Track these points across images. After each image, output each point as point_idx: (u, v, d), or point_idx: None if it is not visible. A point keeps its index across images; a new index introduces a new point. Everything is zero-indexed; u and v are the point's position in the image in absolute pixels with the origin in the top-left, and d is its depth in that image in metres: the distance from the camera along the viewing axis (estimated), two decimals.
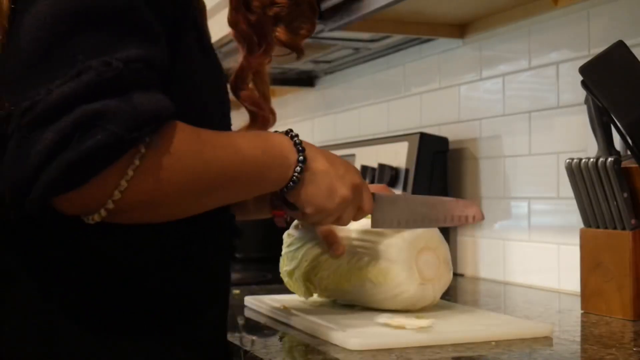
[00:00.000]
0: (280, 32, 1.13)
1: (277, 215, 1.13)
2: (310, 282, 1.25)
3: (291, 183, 1.00)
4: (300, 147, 1.00)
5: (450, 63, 2.06)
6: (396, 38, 2.13)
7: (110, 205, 0.82)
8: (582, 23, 1.61)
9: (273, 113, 1.19)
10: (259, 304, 1.35)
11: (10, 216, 0.84)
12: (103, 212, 0.83)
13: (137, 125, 0.80)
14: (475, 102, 1.97)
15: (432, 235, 1.22)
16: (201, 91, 0.97)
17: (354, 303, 1.26)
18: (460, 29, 1.98)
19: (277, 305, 1.29)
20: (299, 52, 1.17)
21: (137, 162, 0.82)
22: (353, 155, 2.21)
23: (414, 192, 1.93)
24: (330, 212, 1.05)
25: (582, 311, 1.33)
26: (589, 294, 1.33)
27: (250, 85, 1.16)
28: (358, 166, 2.12)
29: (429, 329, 1.09)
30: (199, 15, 1.00)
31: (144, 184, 0.83)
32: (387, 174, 1.99)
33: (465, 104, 2.01)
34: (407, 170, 1.96)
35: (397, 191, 1.96)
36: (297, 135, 1.01)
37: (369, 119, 2.46)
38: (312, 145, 1.03)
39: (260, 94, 1.17)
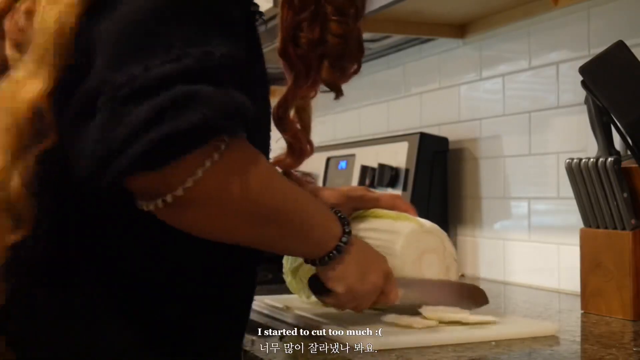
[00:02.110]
0: (324, 70, 1.11)
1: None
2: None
3: (334, 252, 1.00)
4: (346, 221, 1.01)
5: (450, 63, 2.06)
6: (396, 38, 2.13)
7: (180, 192, 0.81)
8: (582, 23, 1.61)
9: (311, 145, 1.18)
10: (260, 303, 1.34)
11: (82, 191, 0.83)
12: (170, 198, 0.81)
13: (228, 115, 0.80)
14: (475, 102, 1.97)
15: (438, 237, 1.21)
16: (258, 101, 0.96)
17: None
18: (460, 29, 1.98)
19: (278, 305, 1.29)
20: (338, 92, 1.16)
21: (216, 156, 0.81)
22: (353, 155, 2.21)
23: (413, 192, 1.93)
24: (359, 296, 1.06)
25: (582, 311, 1.33)
26: (589, 294, 1.33)
27: (292, 115, 1.15)
28: (358, 166, 2.12)
29: (436, 328, 1.10)
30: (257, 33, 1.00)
31: (216, 178, 0.82)
32: (387, 174, 1.99)
33: (465, 104, 2.01)
34: (407, 170, 1.96)
35: (397, 192, 1.96)
36: (341, 211, 1.02)
37: (369, 119, 2.46)
38: (357, 236, 1.05)
39: (302, 126, 1.16)
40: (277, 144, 1.13)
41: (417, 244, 1.18)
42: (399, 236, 1.17)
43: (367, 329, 1.09)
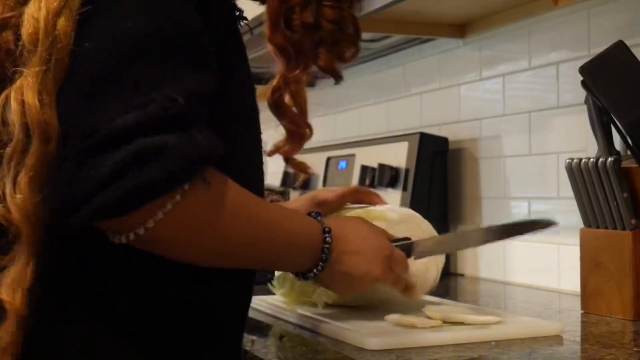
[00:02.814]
0: (321, 57, 1.11)
1: None
2: (310, 296, 1.24)
3: (315, 272, 1.01)
4: (327, 248, 1.01)
5: (450, 63, 2.06)
6: (396, 38, 2.13)
7: (141, 231, 0.83)
8: (582, 23, 1.61)
9: (310, 128, 1.17)
10: (261, 303, 1.35)
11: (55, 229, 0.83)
12: (132, 236, 0.83)
13: (191, 165, 0.81)
14: (475, 102, 1.97)
15: (411, 223, 1.21)
16: (239, 118, 0.97)
17: (347, 303, 1.25)
18: (460, 29, 1.98)
19: (279, 304, 1.29)
20: (337, 77, 1.15)
21: (178, 197, 0.82)
22: (353, 155, 2.21)
23: (413, 192, 1.93)
24: (364, 291, 1.08)
25: (582, 311, 1.33)
26: (589, 294, 1.33)
27: (287, 99, 1.15)
28: (358, 166, 2.12)
29: (440, 328, 1.10)
30: (239, 33, 1.00)
31: (178, 219, 0.83)
32: (387, 174, 1.99)
33: (465, 104, 2.01)
34: (407, 170, 1.96)
35: (397, 191, 1.96)
36: (329, 232, 1.01)
37: (369, 119, 2.46)
38: (342, 234, 1.04)
39: (297, 109, 1.15)
40: (278, 131, 1.14)
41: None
42: None
43: (369, 328, 1.09)
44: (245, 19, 1.07)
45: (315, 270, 1.01)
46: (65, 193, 0.79)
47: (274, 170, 2.26)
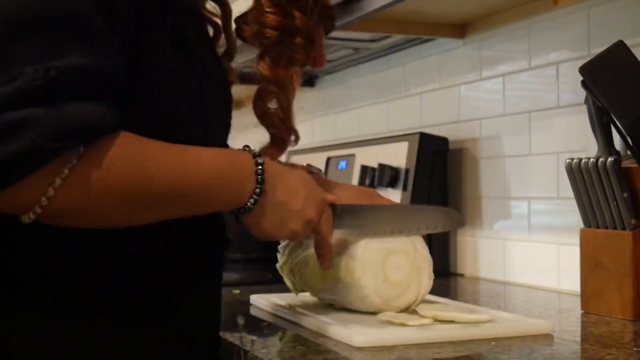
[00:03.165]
0: (261, 65, 1.11)
1: None
2: (294, 277, 1.26)
3: (242, 210, 0.99)
4: (260, 178, 0.98)
5: (450, 63, 2.06)
6: (396, 38, 2.13)
7: (38, 210, 0.83)
8: (582, 23, 1.61)
9: (294, 133, 1.16)
10: (264, 301, 1.35)
11: None
12: (32, 215, 0.84)
13: (60, 136, 0.79)
14: (475, 102, 1.97)
15: (408, 239, 1.19)
16: (176, 98, 0.95)
17: (333, 303, 1.25)
18: (460, 29, 1.98)
19: (281, 303, 1.30)
20: (279, 88, 1.14)
21: (66, 171, 0.82)
22: (353, 155, 2.21)
23: (413, 192, 1.93)
24: (278, 239, 1.07)
25: (582, 311, 1.33)
26: (589, 294, 1.33)
27: (274, 103, 1.13)
28: (358, 166, 2.12)
29: (431, 326, 1.10)
30: (182, 17, 0.98)
31: (71, 193, 0.83)
32: (387, 174, 1.99)
33: (465, 104, 2.01)
34: (407, 170, 1.96)
35: (397, 192, 1.96)
36: (262, 163, 0.99)
37: (369, 119, 2.46)
38: (278, 172, 1.02)
39: (282, 112, 1.14)
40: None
41: (380, 246, 1.16)
42: (360, 238, 1.17)
43: (367, 326, 1.10)
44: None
45: (247, 204, 0.98)
46: None
47: None
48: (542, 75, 1.74)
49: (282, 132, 1.14)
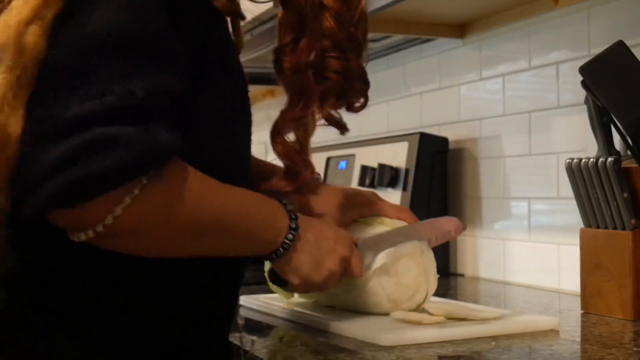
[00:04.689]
0: (325, 108, 1.12)
1: None
2: None
3: (281, 249, 1.00)
4: (293, 215, 1.00)
5: (450, 63, 2.06)
6: (396, 38, 2.13)
7: (100, 229, 0.82)
8: (582, 23, 1.61)
9: (308, 166, 1.16)
10: (261, 302, 1.35)
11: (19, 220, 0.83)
12: (91, 233, 0.83)
13: (147, 157, 0.80)
14: (475, 102, 1.97)
15: (417, 243, 1.20)
16: (223, 114, 0.96)
17: (335, 305, 1.25)
18: (460, 29, 1.98)
19: (279, 303, 1.29)
20: (340, 128, 1.18)
21: (136, 191, 0.81)
22: (353, 155, 2.21)
23: (413, 192, 1.93)
24: (316, 284, 1.06)
25: (582, 311, 1.33)
26: (589, 294, 1.33)
27: (288, 136, 1.13)
28: (358, 166, 2.12)
29: (438, 325, 1.11)
30: (222, 26, 0.99)
31: (138, 214, 0.83)
32: (387, 174, 1.99)
33: (465, 104, 2.01)
34: (407, 170, 1.96)
35: (397, 191, 1.96)
36: (290, 203, 1.01)
37: (369, 119, 2.46)
38: (303, 216, 1.03)
39: (299, 144, 1.14)
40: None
41: (393, 251, 1.17)
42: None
43: (377, 325, 1.10)
44: (241, 16, 1.06)
45: (285, 240, 0.99)
46: (19, 182, 0.79)
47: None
48: (542, 75, 1.74)
49: (297, 164, 1.14)
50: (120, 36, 0.81)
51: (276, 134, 1.12)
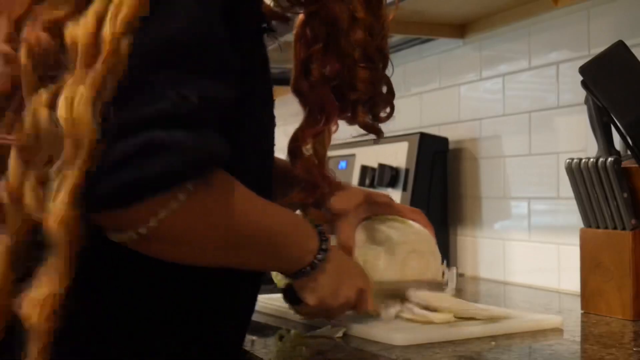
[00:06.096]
0: (359, 115, 1.13)
1: None
2: None
3: (308, 267, 1.00)
4: (324, 236, 1.01)
5: (450, 63, 2.06)
6: (396, 38, 2.13)
7: (144, 231, 0.82)
8: (582, 23, 1.61)
9: (327, 180, 1.16)
10: (261, 302, 1.34)
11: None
12: (134, 235, 0.82)
13: (197, 162, 0.80)
14: (475, 102, 1.97)
15: (425, 240, 1.22)
16: (261, 121, 0.98)
17: None
18: (460, 29, 1.98)
19: (281, 304, 1.29)
20: (377, 133, 1.18)
21: (182, 197, 0.81)
22: (353, 155, 2.21)
23: (413, 192, 1.93)
24: (331, 308, 1.06)
25: (582, 311, 1.33)
26: (589, 294, 1.33)
27: (306, 149, 1.14)
28: (358, 166, 2.12)
29: (442, 325, 1.11)
30: (265, 50, 1.00)
31: (181, 220, 0.83)
32: (387, 174, 1.99)
33: (465, 104, 2.01)
34: (407, 170, 1.96)
35: (397, 192, 1.96)
36: (320, 225, 1.02)
37: None
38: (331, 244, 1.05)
39: (317, 158, 1.15)
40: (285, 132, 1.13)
41: (404, 246, 1.18)
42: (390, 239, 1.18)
43: (395, 324, 1.11)
44: (274, 31, 1.07)
45: (314, 261, 1.00)
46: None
47: None
48: (542, 75, 1.74)
49: (315, 177, 1.14)
50: (181, 44, 0.82)
51: (297, 152, 1.13)
